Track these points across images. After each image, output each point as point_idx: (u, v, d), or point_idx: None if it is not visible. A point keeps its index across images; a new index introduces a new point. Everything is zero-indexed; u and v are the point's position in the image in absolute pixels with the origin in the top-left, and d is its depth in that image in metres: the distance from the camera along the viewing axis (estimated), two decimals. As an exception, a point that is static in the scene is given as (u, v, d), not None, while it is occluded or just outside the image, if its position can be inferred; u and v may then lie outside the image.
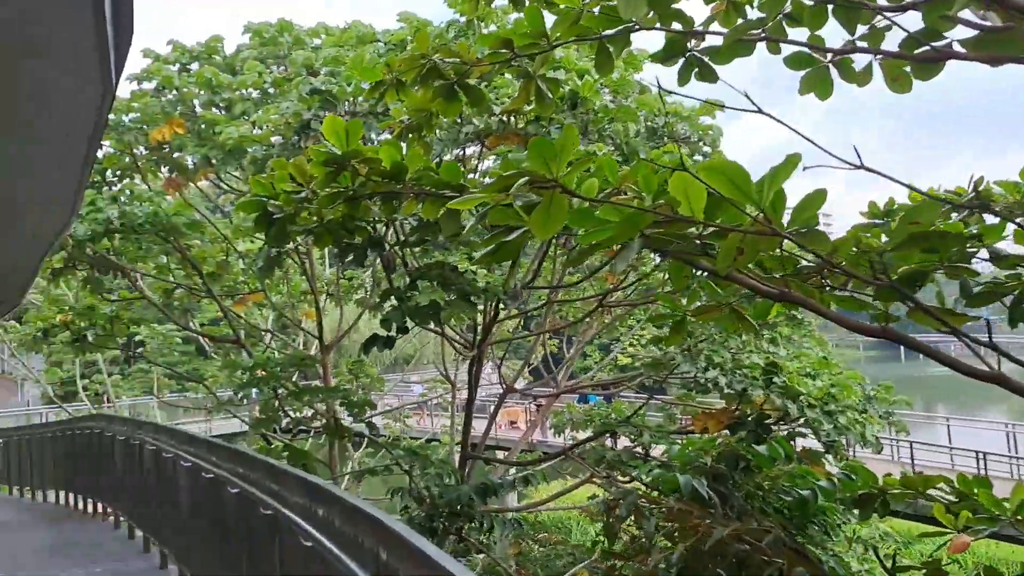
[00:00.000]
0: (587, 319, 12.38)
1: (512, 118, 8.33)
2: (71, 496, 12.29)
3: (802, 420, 8.20)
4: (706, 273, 3.59)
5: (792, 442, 8.17)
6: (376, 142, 8.45)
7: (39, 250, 7.95)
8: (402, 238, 8.14)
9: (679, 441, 8.91)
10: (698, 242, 3.40)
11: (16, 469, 15.25)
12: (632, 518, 5.51)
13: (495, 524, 7.83)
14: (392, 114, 6.66)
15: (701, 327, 8.99)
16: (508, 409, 22.60)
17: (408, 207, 5.72)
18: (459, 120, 8.43)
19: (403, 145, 5.38)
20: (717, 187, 2.76)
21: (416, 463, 8.32)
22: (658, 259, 10.20)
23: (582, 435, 10.96)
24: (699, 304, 4.26)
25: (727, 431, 8.40)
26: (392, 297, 7.31)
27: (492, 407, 22.38)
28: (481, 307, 8.77)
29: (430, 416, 25.38)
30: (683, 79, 3.98)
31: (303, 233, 5.65)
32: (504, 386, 13.62)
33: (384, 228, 8.40)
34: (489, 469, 15.03)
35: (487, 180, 3.80)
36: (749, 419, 8.46)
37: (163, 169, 14.43)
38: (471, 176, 7.90)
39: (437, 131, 7.92)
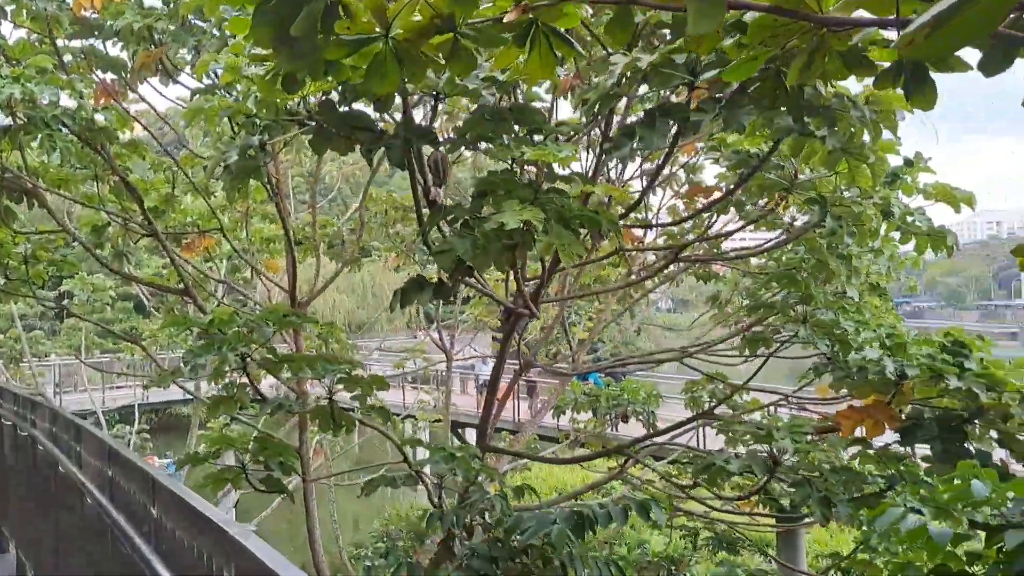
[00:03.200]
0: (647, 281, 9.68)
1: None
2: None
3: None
4: None
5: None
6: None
7: None
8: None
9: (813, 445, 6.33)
10: None
11: None
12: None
13: (587, 567, 5.15)
14: None
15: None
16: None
17: (504, 56, 3.05)
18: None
19: None
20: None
21: (458, 470, 5.55)
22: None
23: (582, 417, 10.98)
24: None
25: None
26: (450, 220, 4.48)
27: (490, 383, 19.60)
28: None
29: (402, 389, 22.61)
30: None
31: (352, 51, 2.78)
32: (521, 361, 10.95)
33: (431, 112, 5.58)
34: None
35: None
36: (927, 420, 5.91)
37: (97, 73, 11.30)
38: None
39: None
